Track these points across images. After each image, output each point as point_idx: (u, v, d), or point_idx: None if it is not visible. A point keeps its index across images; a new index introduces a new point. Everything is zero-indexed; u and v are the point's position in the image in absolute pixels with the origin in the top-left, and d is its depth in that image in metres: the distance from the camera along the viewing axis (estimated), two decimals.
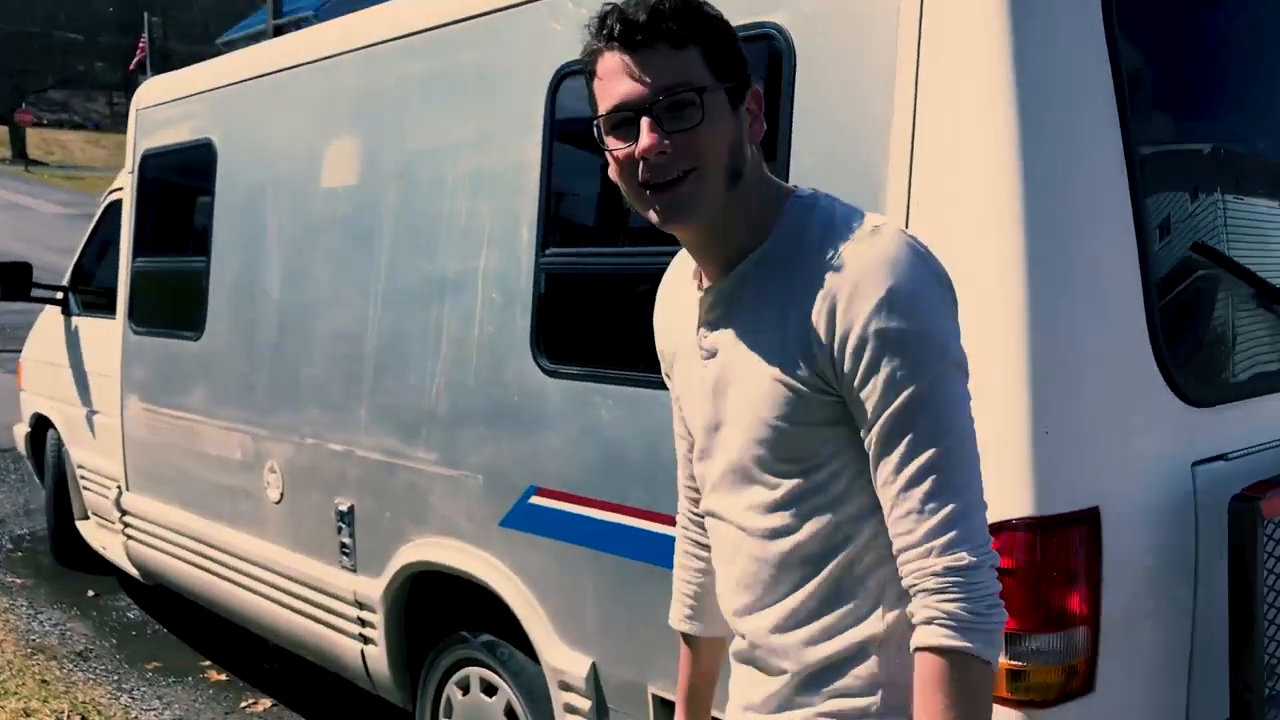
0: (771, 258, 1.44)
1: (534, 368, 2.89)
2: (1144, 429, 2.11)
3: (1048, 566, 1.96)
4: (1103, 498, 2.02)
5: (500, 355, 2.99)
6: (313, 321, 3.73)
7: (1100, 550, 2.00)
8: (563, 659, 2.84)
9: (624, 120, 1.39)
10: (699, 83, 1.36)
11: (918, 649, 1.35)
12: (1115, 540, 2.02)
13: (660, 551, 2.55)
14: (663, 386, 2.43)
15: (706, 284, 1.50)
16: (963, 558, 1.33)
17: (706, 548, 1.71)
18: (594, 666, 2.77)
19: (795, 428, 1.42)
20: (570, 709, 2.84)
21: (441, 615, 3.35)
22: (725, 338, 1.48)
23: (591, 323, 2.83)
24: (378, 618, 3.46)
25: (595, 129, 1.43)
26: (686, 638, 1.82)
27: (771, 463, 1.46)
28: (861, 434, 1.39)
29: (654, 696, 2.65)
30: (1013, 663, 1.97)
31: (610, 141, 1.41)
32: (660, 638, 2.56)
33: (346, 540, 3.58)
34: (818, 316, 1.37)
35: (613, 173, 1.44)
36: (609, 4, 1.40)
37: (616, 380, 2.72)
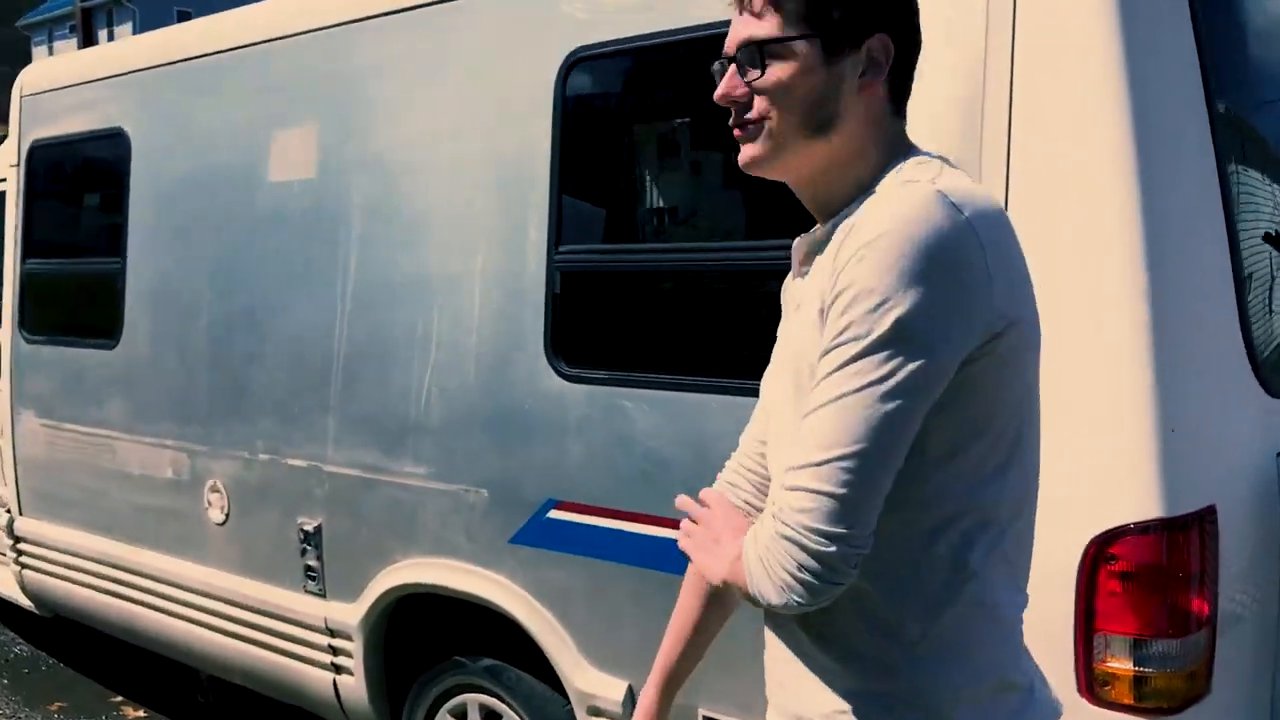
0: (853, 216, 1.33)
1: (550, 372, 2.70)
2: (1239, 422, 2.08)
3: (1174, 569, 1.90)
4: (1216, 495, 1.97)
5: (507, 360, 2.79)
6: (263, 326, 3.43)
7: (1217, 549, 1.96)
8: (592, 682, 2.67)
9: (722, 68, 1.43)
10: (776, 36, 1.35)
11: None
12: (1225, 538, 1.98)
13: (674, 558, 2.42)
14: (695, 389, 2.31)
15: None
16: (783, 514, 1.26)
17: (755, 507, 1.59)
18: (630, 690, 2.61)
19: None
20: None
21: (431, 640, 3.12)
22: (803, 292, 1.41)
23: (616, 323, 2.67)
24: (355, 645, 3.21)
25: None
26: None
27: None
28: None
29: (704, 718, 2.51)
30: (1137, 668, 1.91)
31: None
32: (710, 656, 2.43)
33: (313, 563, 3.30)
34: (827, 268, 1.30)
35: None
36: None
37: (645, 384, 2.56)
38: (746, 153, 1.42)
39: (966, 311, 1.24)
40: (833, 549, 1.24)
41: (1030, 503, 1.38)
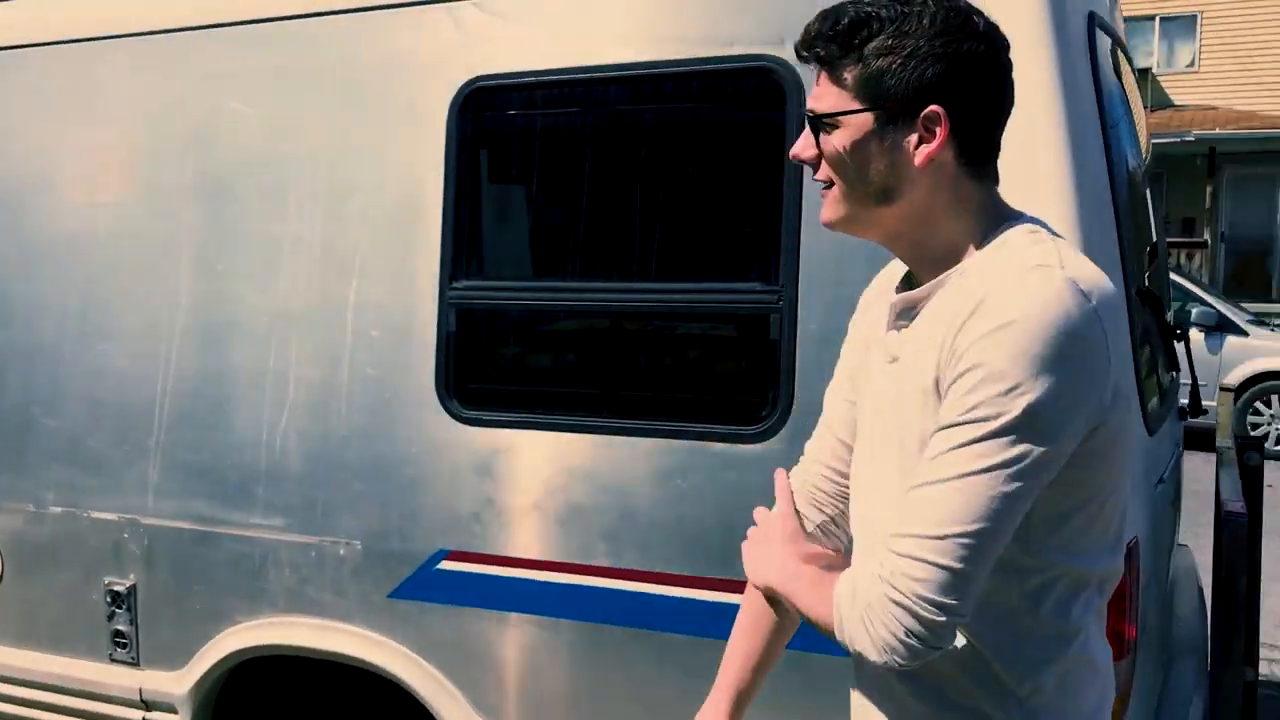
0: (957, 279, 1.39)
1: (443, 416, 2.55)
2: (1133, 460, 2.28)
3: (1117, 597, 2.05)
4: (1135, 527, 2.15)
5: (390, 401, 2.61)
6: (54, 362, 3.02)
7: (1138, 578, 2.13)
8: None
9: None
10: (834, 110, 1.40)
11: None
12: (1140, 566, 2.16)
13: (622, 610, 2.38)
14: (599, 431, 2.26)
15: (901, 290, 1.48)
16: (893, 579, 1.28)
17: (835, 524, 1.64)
18: None
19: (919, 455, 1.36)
20: None
21: (272, 709, 2.85)
22: (905, 348, 1.43)
23: (515, 363, 2.56)
24: (179, 718, 2.87)
25: None
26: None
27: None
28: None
29: None
30: None
31: None
32: (634, 701, 2.39)
33: (124, 628, 2.94)
34: (945, 342, 1.33)
35: None
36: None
37: (547, 426, 2.48)
38: (822, 213, 1.47)
39: (1090, 400, 1.28)
40: (943, 619, 1.26)
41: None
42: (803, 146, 1.45)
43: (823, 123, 1.41)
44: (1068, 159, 2.06)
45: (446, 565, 2.56)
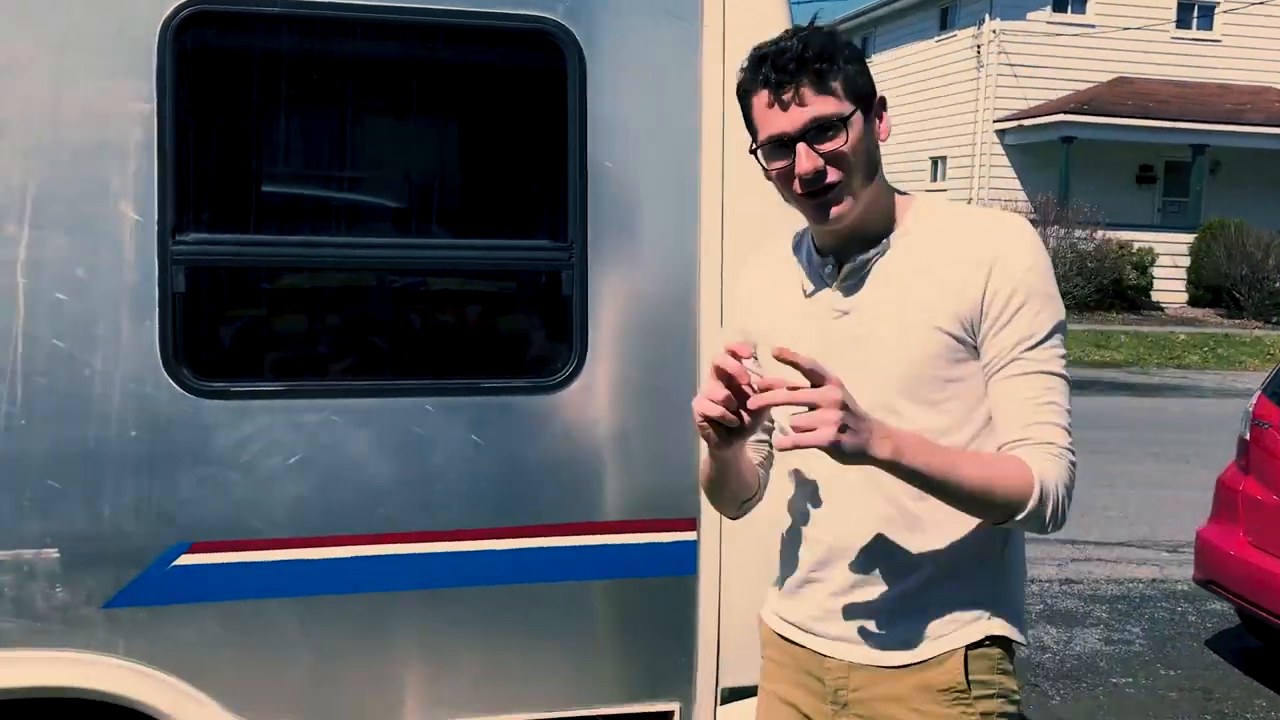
0: (911, 238, 1.78)
1: (173, 389, 2.20)
2: None
3: None
4: None
5: (94, 376, 2.17)
6: None
7: None
8: None
9: (780, 144, 1.68)
10: (839, 113, 1.66)
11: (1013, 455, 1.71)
12: None
13: (382, 573, 2.34)
14: (334, 395, 2.29)
15: (830, 262, 1.79)
16: (1064, 453, 1.71)
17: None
18: None
19: (930, 373, 1.76)
20: None
21: None
22: (862, 301, 1.78)
23: (270, 326, 2.29)
24: None
25: (753, 151, 1.72)
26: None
27: (906, 403, 1.76)
28: (991, 356, 1.71)
29: None
30: None
31: (769, 160, 1.71)
32: (411, 668, 2.38)
33: None
34: (970, 277, 1.73)
35: (772, 179, 1.73)
36: (761, 49, 1.69)
37: (294, 393, 2.30)
38: (837, 211, 1.71)
39: None
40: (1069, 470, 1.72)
41: None
42: (809, 162, 1.66)
43: (835, 125, 1.66)
44: None
45: (187, 560, 2.24)
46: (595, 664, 2.46)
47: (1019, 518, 1.65)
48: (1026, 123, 22.15)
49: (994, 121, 22.88)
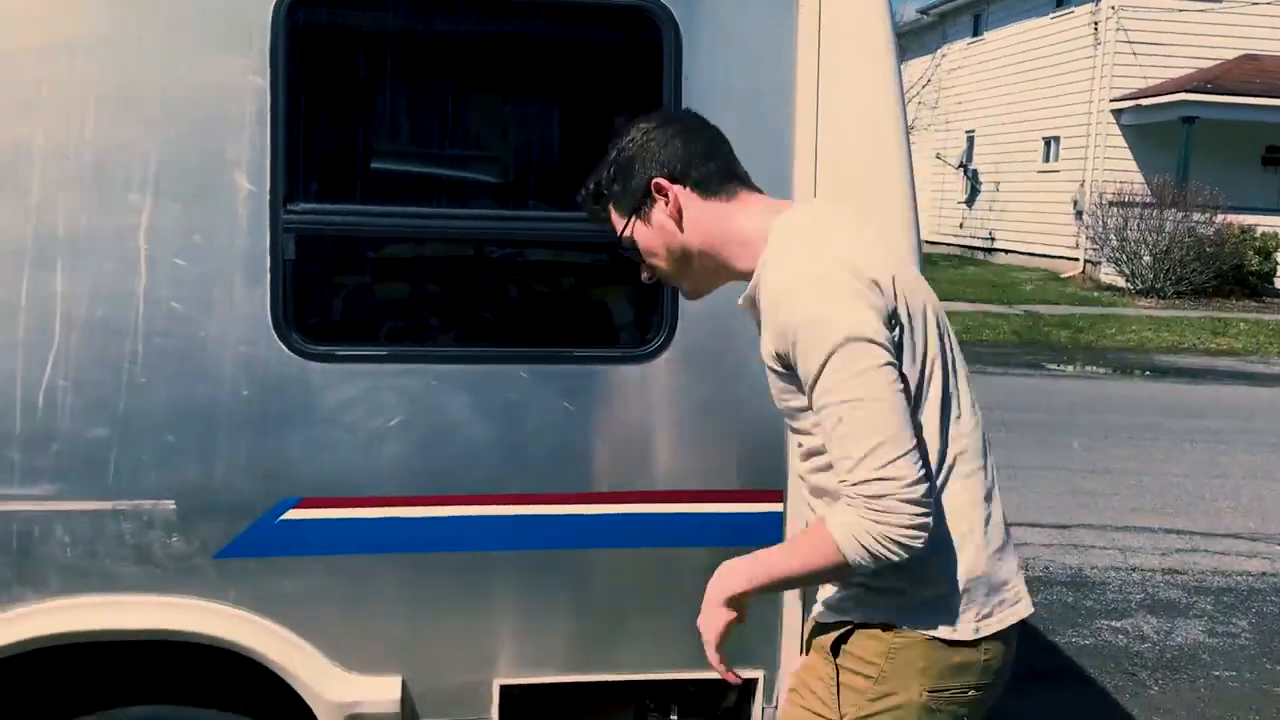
0: (763, 271, 1.87)
1: (283, 352, 2.31)
2: None
3: None
4: None
5: (209, 339, 2.28)
6: None
7: None
8: (353, 689, 2.40)
9: None
10: (621, 230, 1.94)
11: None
12: None
13: (476, 533, 2.42)
14: (434, 360, 2.39)
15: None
16: (855, 492, 1.70)
17: None
18: (404, 684, 2.43)
19: (784, 404, 1.90)
20: None
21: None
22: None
23: (374, 293, 2.39)
24: None
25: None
26: None
27: (790, 426, 1.95)
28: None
29: (501, 688, 2.48)
30: None
31: None
32: (505, 625, 2.45)
33: None
34: (768, 319, 1.83)
35: None
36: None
37: (407, 358, 2.39)
38: (683, 293, 2.08)
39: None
40: (916, 496, 1.73)
41: None
42: (642, 270, 1.97)
43: (624, 241, 1.94)
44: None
45: (295, 514, 2.35)
46: (680, 629, 2.50)
47: (860, 569, 1.74)
48: (1145, 102, 21.42)
49: (1110, 101, 22.19)
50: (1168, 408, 10.31)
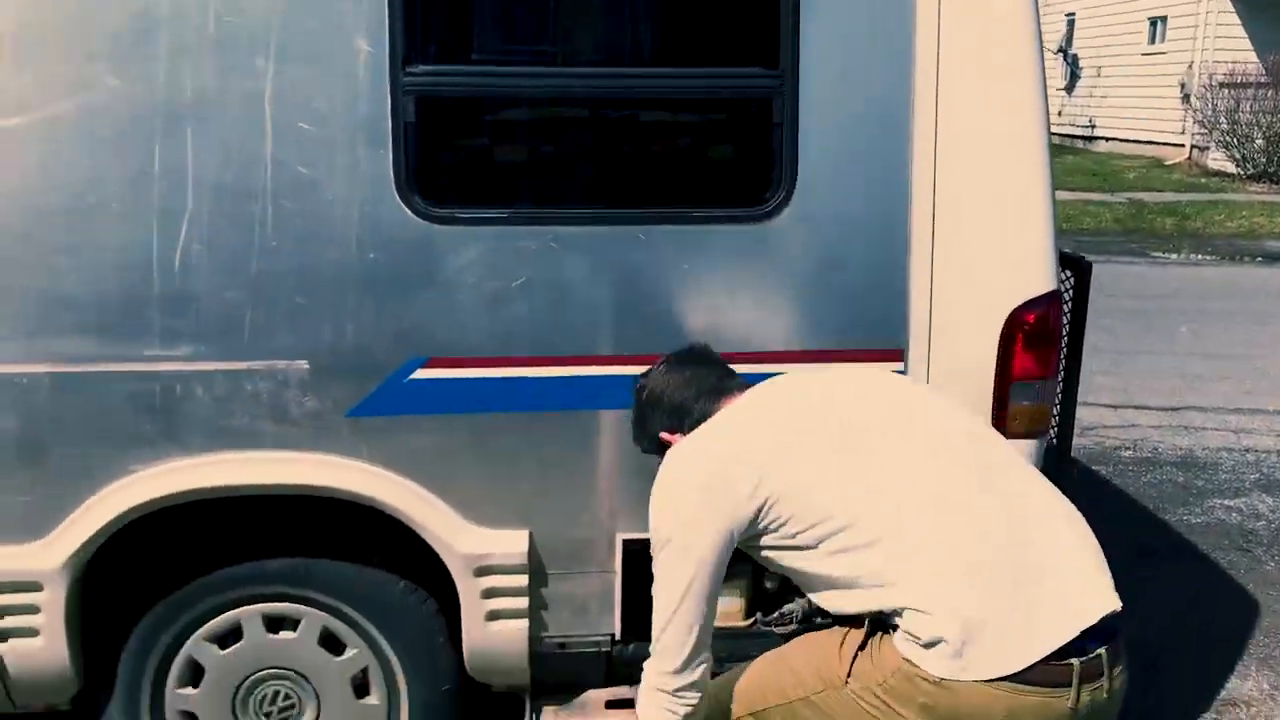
0: None
1: (405, 214, 2.34)
2: None
3: (1057, 328, 2.53)
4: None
5: (334, 202, 2.33)
6: None
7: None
8: (482, 542, 2.49)
9: None
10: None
11: None
12: None
13: (597, 392, 2.45)
14: (578, 222, 2.42)
15: None
16: (645, 681, 2.07)
17: None
18: (531, 536, 2.50)
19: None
20: (493, 592, 2.51)
21: (159, 568, 2.52)
22: None
23: (490, 155, 2.41)
24: (47, 597, 2.43)
25: None
26: None
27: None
28: None
29: (624, 542, 2.54)
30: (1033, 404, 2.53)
31: None
32: (627, 480, 2.49)
33: None
34: None
35: None
36: None
37: (527, 219, 2.41)
38: None
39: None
40: (681, 675, 2.07)
41: None
42: None
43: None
44: None
45: (424, 374, 2.41)
46: None
47: None
48: None
49: None
50: None
